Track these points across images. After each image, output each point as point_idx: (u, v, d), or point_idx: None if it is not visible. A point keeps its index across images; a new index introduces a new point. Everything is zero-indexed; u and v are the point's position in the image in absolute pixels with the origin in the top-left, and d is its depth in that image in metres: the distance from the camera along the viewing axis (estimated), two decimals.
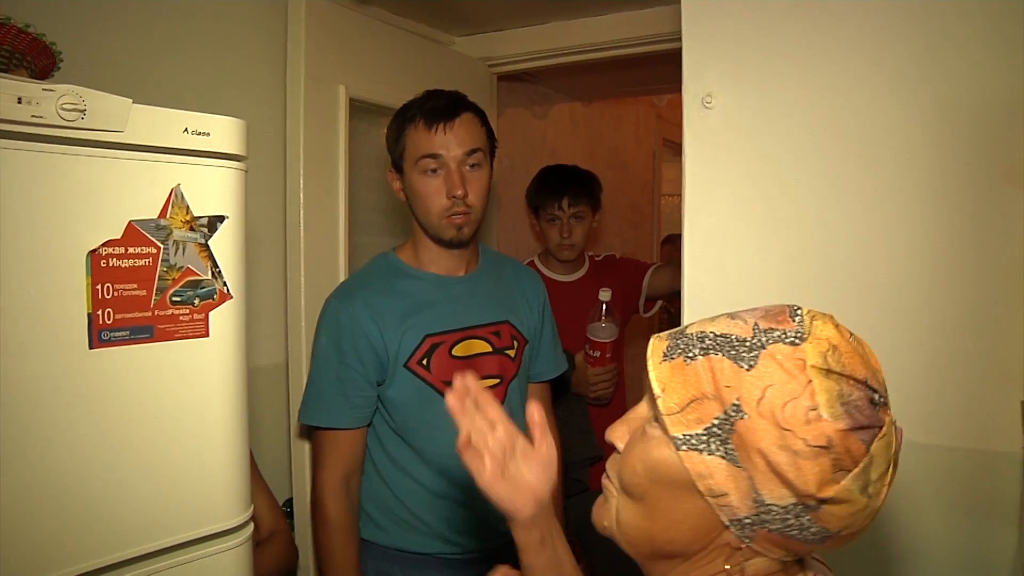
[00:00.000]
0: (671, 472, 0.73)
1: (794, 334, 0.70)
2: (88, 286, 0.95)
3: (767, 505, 0.69)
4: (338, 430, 1.59)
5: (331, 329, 1.59)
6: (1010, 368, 1.34)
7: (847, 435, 0.66)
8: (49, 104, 0.89)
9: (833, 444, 0.66)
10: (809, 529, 0.69)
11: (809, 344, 0.69)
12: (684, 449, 0.71)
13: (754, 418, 0.68)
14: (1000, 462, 1.34)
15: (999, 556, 1.33)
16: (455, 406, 0.90)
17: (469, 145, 1.59)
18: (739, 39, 1.54)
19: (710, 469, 0.70)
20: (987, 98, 1.35)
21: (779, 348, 0.70)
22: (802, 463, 0.66)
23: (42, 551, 0.93)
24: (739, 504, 0.70)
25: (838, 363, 0.68)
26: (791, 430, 0.66)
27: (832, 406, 0.66)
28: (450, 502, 1.61)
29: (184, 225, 1.03)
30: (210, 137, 1.04)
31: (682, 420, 0.72)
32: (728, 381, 0.70)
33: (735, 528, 0.71)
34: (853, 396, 0.67)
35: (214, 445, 1.11)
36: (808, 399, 0.67)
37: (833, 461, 0.66)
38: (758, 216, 1.54)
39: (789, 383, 0.68)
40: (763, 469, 0.68)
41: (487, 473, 0.89)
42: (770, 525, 0.70)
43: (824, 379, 0.67)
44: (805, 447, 0.66)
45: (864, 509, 0.68)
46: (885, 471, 0.68)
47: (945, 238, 1.39)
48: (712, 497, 0.71)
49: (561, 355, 1.93)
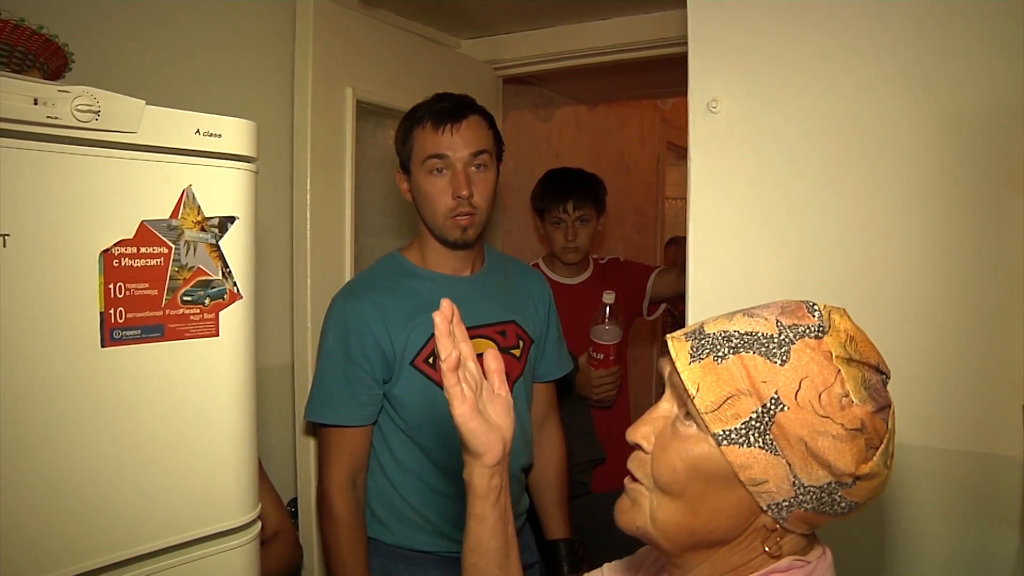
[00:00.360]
0: (712, 467, 0.77)
1: (816, 328, 0.76)
2: (100, 285, 0.96)
3: (805, 487, 0.75)
4: (344, 428, 1.60)
5: (338, 327, 1.60)
6: (1011, 372, 1.35)
7: (874, 416, 0.74)
8: (64, 105, 0.90)
9: (865, 426, 0.73)
10: (840, 504, 0.76)
11: (830, 336, 0.76)
12: (725, 444, 0.76)
13: (793, 409, 0.73)
14: (1001, 466, 1.35)
15: (1000, 560, 1.34)
16: (443, 327, 0.90)
17: (475, 147, 1.61)
18: (745, 44, 1.55)
19: (750, 460, 0.75)
20: (989, 105, 1.36)
21: (807, 342, 0.76)
22: (841, 446, 0.73)
23: (54, 547, 0.94)
24: (777, 489, 0.75)
25: (856, 352, 0.75)
26: (829, 417, 0.73)
27: (859, 392, 0.74)
28: (455, 500, 1.63)
29: (195, 225, 1.04)
30: (221, 138, 1.05)
31: (719, 417, 0.76)
32: (764, 376, 0.75)
33: (772, 512, 0.77)
34: (872, 380, 0.75)
35: (223, 444, 1.12)
36: (840, 387, 0.73)
37: (866, 441, 0.73)
38: (762, 220, 1.55)
39: (821, 374, 0.74)
40: (802, 454, 0.74)
41: (468, 403, 0.90)
42: (806, 505, 0.76)
43: (849, 367, 0.74)
44: (843, 431, 0.73)
45: (885, 480, 0.76)
46: (893, 441, 0.76)
47: (947, 244, 1.40)
48: (752, 486, 0.76)
49: (567, 356, 1.94)
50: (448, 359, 0.88)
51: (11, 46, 1.13)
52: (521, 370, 1.73)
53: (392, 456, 1.64)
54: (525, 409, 1.78)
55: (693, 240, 1.61)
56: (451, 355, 0.88)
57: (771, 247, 1.54)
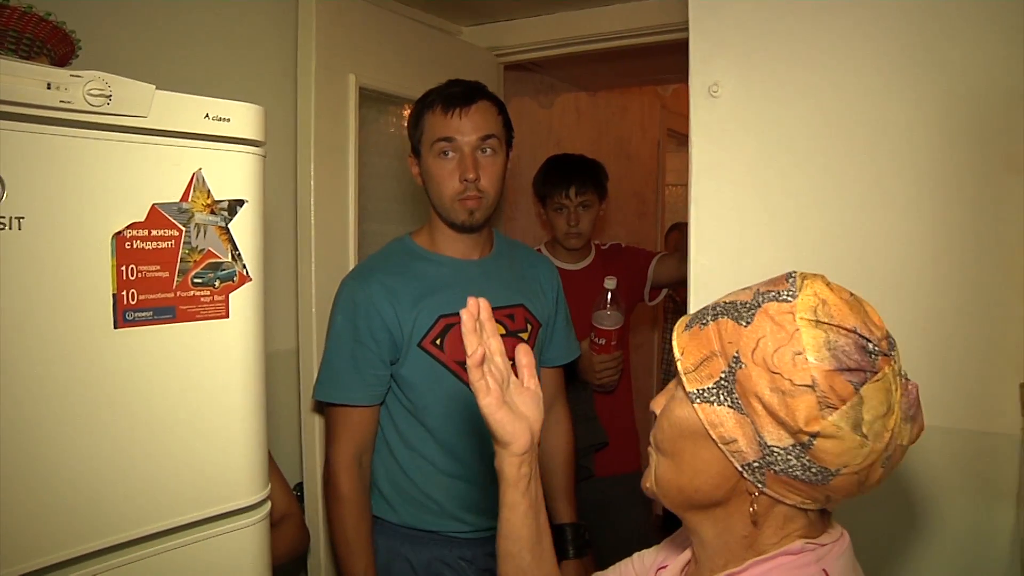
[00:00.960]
0: (690, 425, 0.81)
1: (787, 293, 0.79)
2: (113, 267, 0.97)
3: (769, 447, 0.76)
4: (351, 407, 1.63)
5: (347, 309, 1.62)
6: (1010, 352, 1.36)
7: (832, 375, 0.73)
8: (77, 90, 0.91)
9: (817, 383, 0.73)
10: (810, 469, 0.75)
11: (800, 300, 0.77)
12: (698, 402, 0.80)
13: (750, 366, 0.77)
14: (1000, 443, 1.36)
15: (998, 535, 1.36)
16: (469, 324, 0.94)
17: (483, 131, 1.63)
18: (746, 28, 1.56)
19: (720, 418, 0.79)
20: (988, 88, 1.37)
21: (772, 305, 0.78)
22: (790, 401, 0.74)
23: (68, 525, 0.96)
24: (747, 449, 0.78)
25: (826, 315, 0.76)
26: (779, 372, 0.75)
27: (818, 351, 0.74)
28: (460, 481, 1.65)
29: (205, 208, 1.05)
30: (230, 123, 1.07)
31: (696, 377, 0.81)
32: (730, 338, 0.79)
33: (747, 473, 0.79)
34: (840, 342, 0.75)
35: (233, 424, 1.13)
36: (795, 345, 0.75)
37: (819, 399, 0.73)
38: (764, 203, 1.56)
39: (779, 333, 0.76)
40: (761, 412, 0.76)
41: (492, 395, 0.92)
42: (775, 467, 0.77)
43: (812, 328, 0.75)
44: (792, 386, 0.74)
45: (860, 448, 0.74)
46: (884, 414, 0.74)
47: (947, 225, 1.41)
48: (724, 444, 0.79)
49: (574, 341, 1.96)
50: (473, 355, 0.91)
51: (19, 32, 1.14)
52: None
53: (399, 436, 1.66)
54: None
55: (695, 223, 1.63)
56: (476, 352, 0.91)
57: (772, 230, 1.56)
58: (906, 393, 0.77)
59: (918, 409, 0.79)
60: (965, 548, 1.39)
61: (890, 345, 0.77)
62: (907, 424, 0.77)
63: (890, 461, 0.77)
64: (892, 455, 0.76)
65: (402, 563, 1.66)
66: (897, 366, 0.77)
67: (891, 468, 0.78)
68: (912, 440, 0.79)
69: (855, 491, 0.78)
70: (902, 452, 0.78)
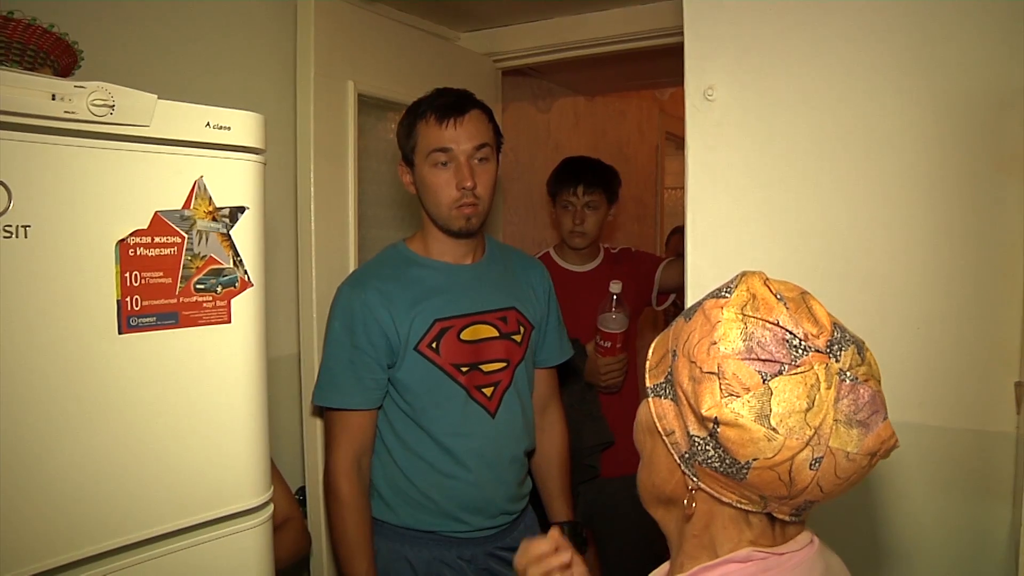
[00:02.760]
0: (647, 419, 0.84)
1: (726, 290, 0.80)
2: (117, 274, 0.99)
3: (691, 436, 0.77)
4: (350, 412, 1.65)
5: (344, 315, 1.65)
6: (1004, 351, 1.37)
7: (739, 363, 0.73)
8: (80, 100, 0.93)
9: (722, 370, 0.73)
10: (725, 460, 0.75)
11: (733, 295, 0.78)
12: (651, 396, 0.83)
13: (679, 357, 0.79)
14: (995, 442, 1.37)
15: (993, 533, 1.37)
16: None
17: (478, 140, 1.66)
18: (740, 33, 1.58)
19: (664, 410, 0.81)
20: (981, 91, 1.39)
21: (709, 302, 0.80)
22: (697, 387, 0.75)
23: (73, 527, 0.97)
24: (681, 440, 0.79)
25: (753, 308, 0.76)
26: (695, 361, 0.76)
27: (731, 341, 0.74)
28: (458, 481, 1.67)
29: (207, 216, 1.07)
30: (231, 131, 1.08)
31: (654, 373, 0.84)
32: (675, 334, 0.82)
33: (683, 465, 0.80)
34: (758, 334, 0.74)
35: (236, 427, 1.15)
36: (712, 336, 0.76)
37: (723, 386, 0.73)
38: (759, 206, 1.58)
39: (705, 326, 0.77)
40: (684, 402, 0.77)
41: None
42: (699, 457, 0.77)
43: (734, 321, 0.76)
44: (701, 374, 0.75)
45: (767, 440, 0.71)
46: (804, 410, 0.71)
47: (942, 226, 1.43)
48: (666, 436, 0.81)
49: (567, 342, 1.98)
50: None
51: (24, 44, 1.16)
52: (522, 355, 1.78)
53: (397, 438, 1.68)
54: (527, 393, 1.81)
55: (691, 226, 1.64)
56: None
57: (768, 232, 1.57)
58: (852, 396, 0.73)
59: (874, 416, 0.73)
60: (961, 546, 1.41)
61: (832, 344, 0.74)
62: (851, 429, 0.72)
63: (825, 465, 0.72)
64: (826, 458, 0.72)
65: (402, 564, 1.68)
66: (839, 366, 0.73)
67: (839, 476, 0.73)
68: (871, 451, 0.73)
69: (784, 492, 0.74)
70: (855, 463, 0.73)
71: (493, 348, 1.73)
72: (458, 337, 1.68)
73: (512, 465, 1.75)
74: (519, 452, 1.77)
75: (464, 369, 1.68)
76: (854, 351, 0.75)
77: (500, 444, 1.72)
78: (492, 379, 1.72)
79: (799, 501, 0.76)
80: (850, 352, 0.75)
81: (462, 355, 1.68)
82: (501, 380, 1.73)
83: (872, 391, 0.74)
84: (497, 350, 1.73)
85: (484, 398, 1.70)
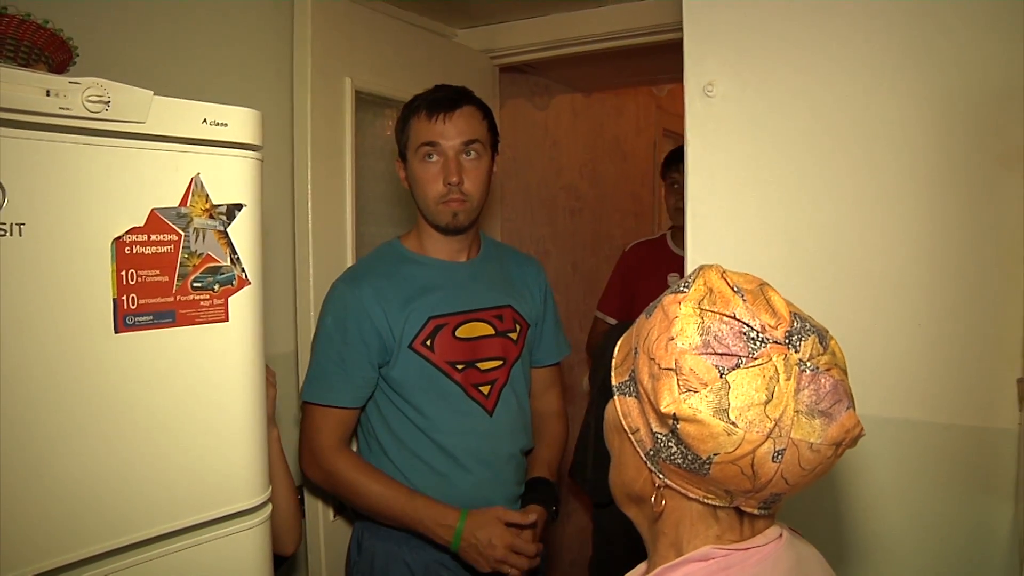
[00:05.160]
0: (614, 418, 0.84)
1: (683, 285, 0.80)
2: (113, 272, 0.98)
3: (654, 433, 0.77)
4: (338, 408, 1.66)
5: (337, 311, 1.65)
6: (1006, 348, 1.37)
7: (696, 359, 0.73)
8: (75, 96, 0.92)
9: (679, 366, 0.73)
10: (687, 456, 0.74)
11: (691, 290, 0.78)
12: (617, 395, 0.83)
13: (640, 355, 0.78)
14: (997, 438, 1.37)
15: (995, 529, 1.36)
16: None
17: (467, 135, 1.66)
18: (740, 28, 1.57)
19: (629, 408, 0.81)
20: (982, 85, 1.38)
21: (667, 298, 0.79)
22: (656, 384, 0.74)
23: (70, 528, 0.96)
24: (646, 438, 0.78)
25: (710, 303, 0.76)
26: (654, 358, 0.76)
27: (688, 336, 0.74)
28: (455, 480, 1.67)
29: (204, 213, 1.06)
30: (227, 127, 1.07)
31: (619, 371, 0.84)
32: (637, 331, 0.82)
33: (649, 462, 0.80)
34: (715, 328, 0.74)
35: (234, 427, 1.14)
36: (670, 331, 0.75)
37: (680, 382, 0.72)
38: (759, 202, 1.57)
39: (663, 322, 0.77)
40: (645, 399, 0.77)
41: None
42: (663, 453, 0.77)
43: (691, 316, 0.75)
44: (658, 369, 0.75)
45: (727, 435, 0.71)
46: (762, 403, 0.70)
47: (943, 222, 1.42)
48: (631, 434, 0.80)
49: (564, 340, 1.97)
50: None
51: (18, 40, 1.15)
52: (518, 353, 1.77)
53: (393, 436, 1.68)
54: (524, 392, 1.81)
55: (691, 222, 1.63)
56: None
57: (768, 228, 1.56)
58: (813, 387, 0.72)
59: (836, 406, 0.73)
60: (963, 543, 1.40)
61: (791, 335, 0.74)
62: (813, 419, 0.71)
63: (788, 457, 0.72)
64: (788, 450, 0.71)
65: (400, 566, 1.67)
66: (798, 357, 0.73)
67: (803, 467, 0.73)
68: (835, 441, 0.73)
69: (748, 486, 0.74)
70: (819, 453, 0.72)
71: (489, 346, 1.72)
72: (453, 334, 1.68)
73: (510, 464, 1.74)
74: (516, 451, 1.76)
75: (460, 367, 1.67)
76: (815, 340, 0.75)
77: (498, 443, 1.71)
78: (489, 377, 1.71)
79: (765, 494, 0.75)
80: (810, 342, 0.74)
81: (457, 353, 1.67)
82: (498, 378, 1.73)
83: (834, 380, 0.73)
84: (493, 348, 1.73)
85: (481, 396, 1.70)
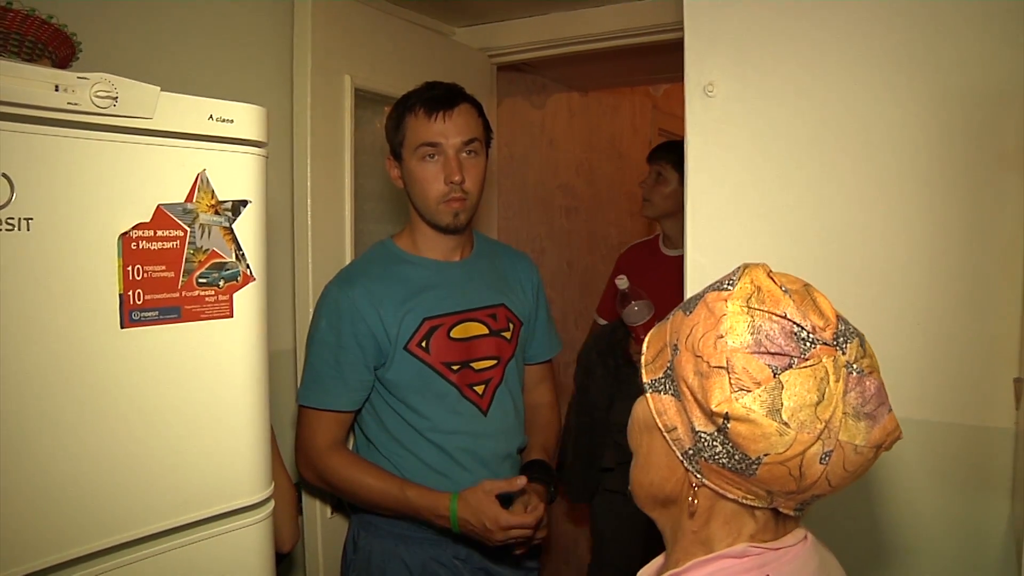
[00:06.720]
0: (645, 416, 0.83)
1: (728, 282, 0.79)
2: (119, 268, 0.98)
3: (698, 433, 0.76)
4: (333, 412, 1.65)
5: (331, 314, 1.63)
6: (1004, 347, 1.38)
7: (747, 357, 0.72)
8: (84, 91, 0.92)
9: (732, 365, 0.72)
10: (734, 456, 0.74)
11: (737, 288, 0.77)
12: (650, 392, 0.81)
13: (682, 352, 0.77)
14: (994, 437, 1.38)
15: (992, 527, 1.37)
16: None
17: (467, 134, 1.65)
18: (741, 28, 1.57)
19: (664, 406, 0.80)
20: (981, 85, 1.39)
21: (711, 295, 0.78)
22: (705, 382, 0.73)
23: (73, 524, 0.97)
24: (684, 436, 0.78)
25: (759, 301, 0.75)
26: (701, 356, 0.75)
27: (739, 334, 0.73)
28: (452, 479, 1.66)
29: (209, 209, 1.06)
30: (233, 124, 1.08)
31: (652, 368, 0.82)
32: (675, 328, 0.81)
33: (687, 462, 0.79)
34: (766, 327, 0.73)
35: (238, 422, 1.14)
36: (719, 329, 0.74)
37: (733, 381, 0.72)
38: (759, 202, 1.58)
39: (709, 319, 0.76)
40: (689, 397, 0.76)
41: None
42: (705, 453, 0.76)
43: (740, 314, 0.74)
44: (708, 368, 0.73)
45: (779, 435, 0.71)
46: (814, 404, 0.71)
47: (942, 222, 1.43)
48: (667, 432, 0.79)
49: (556, 337, 1.98)
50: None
51: (22, 35, 1.14)
52: (512, 352, 1.77)
53: (389, 436, 1.68)
54: (518, 390, 1.81)
55: (691, 222, 1.64)
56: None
57: (768, 228, 1.57)
58: (859, 389, 0.73)
59: (880, 408, 0.74)
60: (960, 541, 1.41)
61: (837, 336, 0.74)
62: (859, 421, 0.72)
63: (834, 459, 0.72)
64: (835, 452, 0.72)
65: (397, 564, 1.67)
66: (846, 359, 0.73)
67: (847, 469, 0.74)
68: (877, 443, 0.74)
69: (793, 487, 0.74)
70: (862, 455, 0.73)
71: (483, 345, 1.72)
72: (448, 335, 1.67)
73: (505, 462, 1.74)
74: (512, 449, 1.77)
75: (455, 367, 1.67)
76: (858, 343, 0.75)
77: (493, 442, 1.72)
78: (483, 376, 1.72)
79: (806, 496, 0.76)
80: (855, 344, 0.75)
81: (452, 353, 1.67)
82: (492, 378, 1.73)
83: (877, 383, 0.74)
84: (487, 347, 1.73)
85: (476, 396, 1.70)
